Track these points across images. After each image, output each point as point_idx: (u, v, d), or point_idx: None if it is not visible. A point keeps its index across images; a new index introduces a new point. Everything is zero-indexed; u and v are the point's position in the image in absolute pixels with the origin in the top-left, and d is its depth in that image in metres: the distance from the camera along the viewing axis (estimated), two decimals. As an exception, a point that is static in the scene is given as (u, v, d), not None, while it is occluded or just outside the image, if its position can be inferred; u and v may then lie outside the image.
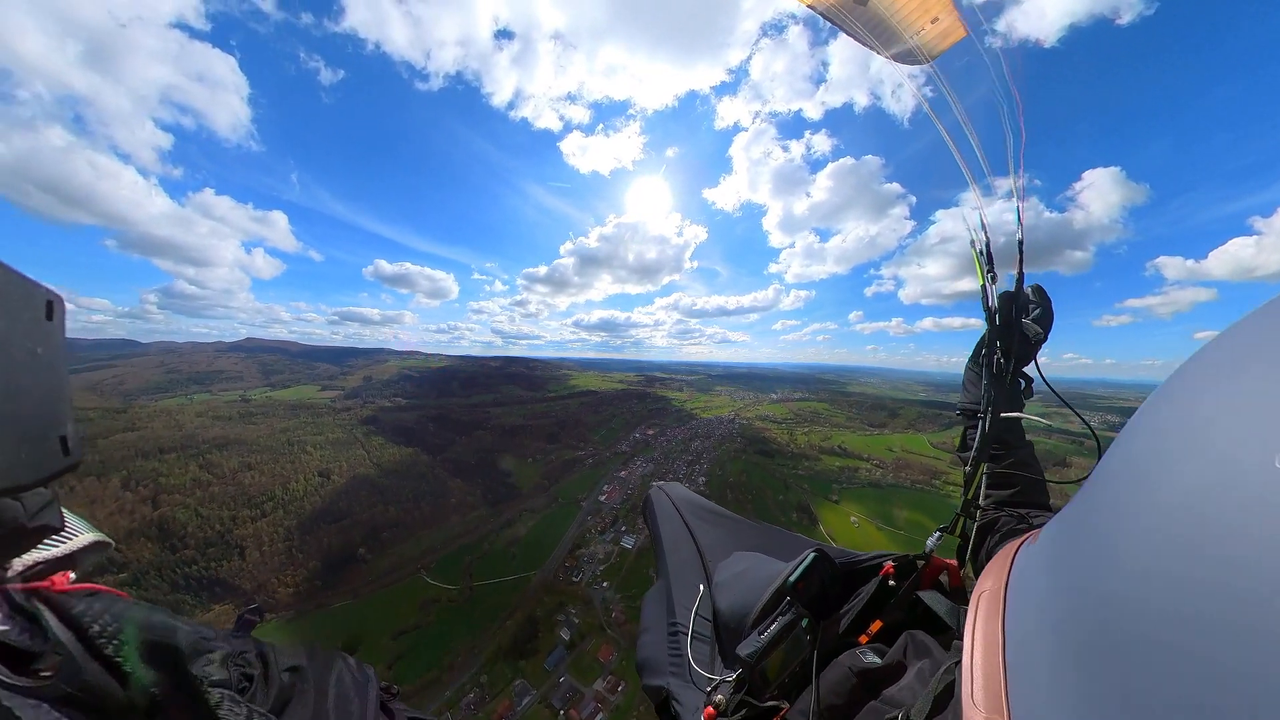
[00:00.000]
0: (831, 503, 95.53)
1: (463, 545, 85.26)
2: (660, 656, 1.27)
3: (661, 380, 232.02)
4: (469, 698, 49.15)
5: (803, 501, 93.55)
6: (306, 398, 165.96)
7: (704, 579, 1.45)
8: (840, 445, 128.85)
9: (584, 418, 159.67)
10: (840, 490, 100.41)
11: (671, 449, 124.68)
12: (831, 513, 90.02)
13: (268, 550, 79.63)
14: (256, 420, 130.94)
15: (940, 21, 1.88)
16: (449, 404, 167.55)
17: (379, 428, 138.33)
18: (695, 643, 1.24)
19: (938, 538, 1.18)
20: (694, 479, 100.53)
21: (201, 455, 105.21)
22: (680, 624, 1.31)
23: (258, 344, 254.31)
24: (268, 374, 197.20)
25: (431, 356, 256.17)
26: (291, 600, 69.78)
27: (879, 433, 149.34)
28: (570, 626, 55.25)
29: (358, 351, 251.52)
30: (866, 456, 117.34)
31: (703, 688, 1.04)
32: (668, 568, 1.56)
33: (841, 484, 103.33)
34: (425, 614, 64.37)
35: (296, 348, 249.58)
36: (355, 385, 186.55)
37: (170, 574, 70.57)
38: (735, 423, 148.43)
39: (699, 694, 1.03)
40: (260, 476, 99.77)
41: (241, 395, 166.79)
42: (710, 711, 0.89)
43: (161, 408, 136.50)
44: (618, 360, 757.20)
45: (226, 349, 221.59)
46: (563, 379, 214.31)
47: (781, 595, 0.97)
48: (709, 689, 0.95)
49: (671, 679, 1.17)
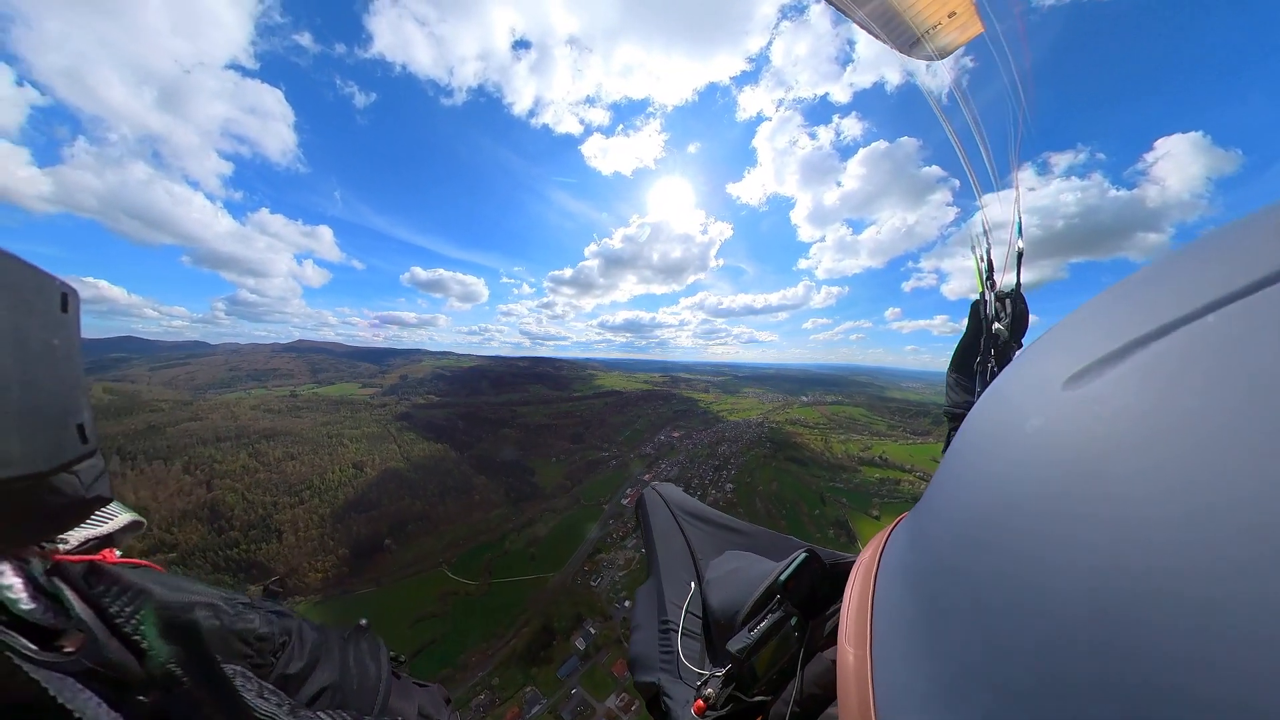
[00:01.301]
0: (872, 519, 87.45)
1: (484, 542, 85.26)
2: (651, 653, 1.28)
3: (687, 381, 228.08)
4: (480, 699, 47.74)
5: (840, 517, 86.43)
6: (349, 394, 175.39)
7: (695, 576, 1.48)
8: (881, 455, 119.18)
9: (608, 418, 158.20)
10: (881, 505, 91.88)
11: (697, 452, 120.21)
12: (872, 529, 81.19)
13: (302, 535, 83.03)
14: (302, 414, 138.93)
15: (958, 16, 1.82)
16: (478, 402, 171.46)
17: (412, 423, 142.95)
18: (686, 639, 1.26)
19: None
20: (720, 485, 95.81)
21: (252, 445, 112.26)
22: (671, 621, 1.32)
23: (308, 345, 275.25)
24: (316, 372, 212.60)
25: (463, 357, 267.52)
26: (319, 586, 71.83)
27: (923, 442, 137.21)
28: (587, 637, 53.04)
29: (396, 352, 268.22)
30: (909, 468, 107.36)
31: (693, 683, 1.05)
32: (659, 565, 1.57)
33: (883, 498, 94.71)
34: (443, 607, 64.45)
35: (342, 348, 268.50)
36: (393, 383, 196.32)
37: (213, 556, 74.83)
38: (764, 426, 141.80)
39: (689, 689, 1.04)
40: (301, 466, 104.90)
41: (291, 391, 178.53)
42: (700, 705, 0.90)
43: (222, 401, 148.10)
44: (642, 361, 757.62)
45: (281, 349, 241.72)
46: (588, 379, 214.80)
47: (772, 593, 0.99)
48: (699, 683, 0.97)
49: (662, 675, 1.18)
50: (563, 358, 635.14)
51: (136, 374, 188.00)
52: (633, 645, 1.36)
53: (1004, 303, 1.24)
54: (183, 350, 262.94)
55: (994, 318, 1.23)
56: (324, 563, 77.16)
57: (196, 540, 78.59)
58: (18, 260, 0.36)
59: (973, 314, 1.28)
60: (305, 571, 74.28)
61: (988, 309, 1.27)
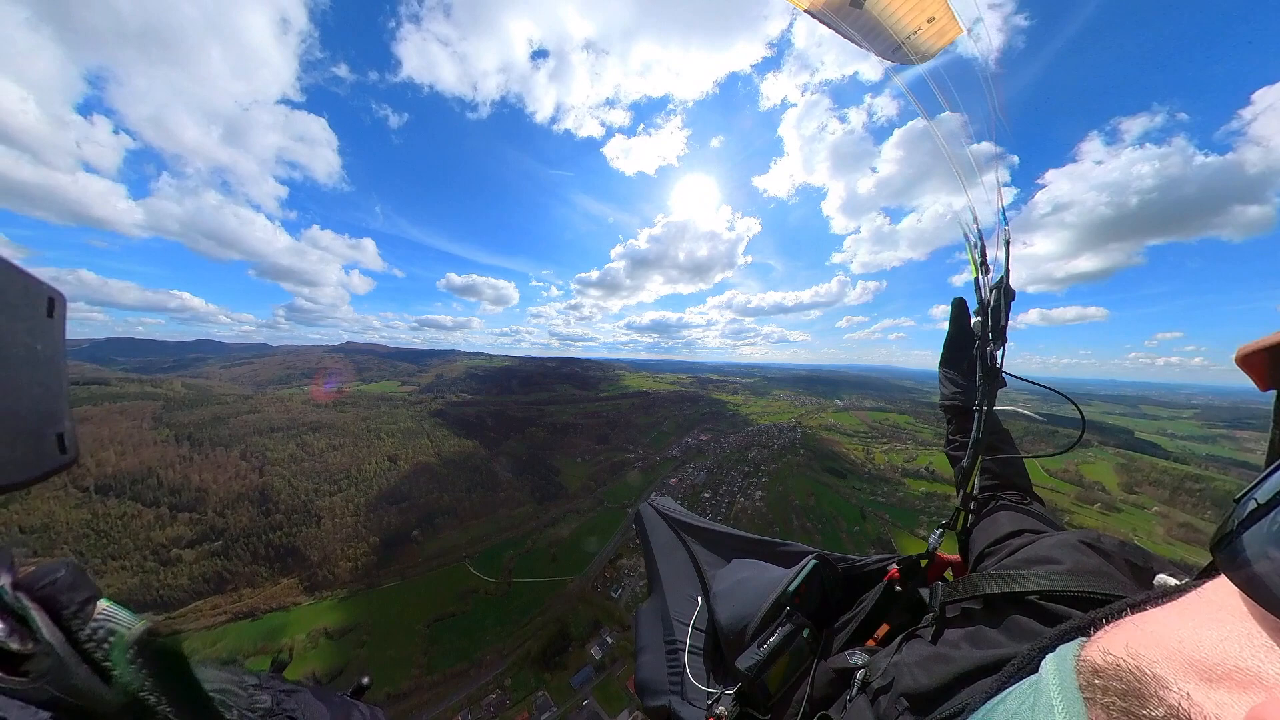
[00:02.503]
0: (919, 538, 79.11)
1: (507, 539, 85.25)
2: (659, 676, 1.24)
3: (715, 382, 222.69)
4: (491, 698, 46.53)
5: (883, 534, 78.86)
6: (389, 391, 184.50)
7: (701, 591, 1.42)
8: (928, 467, 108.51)
9: (635, 419, 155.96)
10: (929, 522, 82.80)
11: (726, 456, 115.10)
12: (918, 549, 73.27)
13: (338, 523, 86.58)
14: (346, 409, 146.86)
15: (937, 20, 1.94)
16: (507, 401, 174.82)
17: (445, 420, 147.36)
18: (695, 658, 1.21)
19: (940, 534, 1.20)
20: (749, 493, 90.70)
21: (300, 436, 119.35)
22: (678, 640, 1.27)
23: (355, 347, 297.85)
24: (361, 371, 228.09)
25: (495, 357, 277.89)
26: (349, 576, 73.87)
27: None
28: (604, 646, 50.91)
29: (433, 353, 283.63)
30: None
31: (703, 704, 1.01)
32: (662, 582, 1.53)
33: (930, 514, 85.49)
34: (463, 603, 64.38)
35: (384, 349, 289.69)
36: (429, 382, 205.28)
37: (253, 543, 78.16)
38: (797, 431, 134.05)
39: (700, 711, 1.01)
40: (341, 457, 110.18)
41: (339, 388, 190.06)
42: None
43: (277, 395, 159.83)
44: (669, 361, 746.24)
45: (331, 350, 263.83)
46: (615, 379, 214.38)
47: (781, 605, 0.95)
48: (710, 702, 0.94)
49: (673, 698, 1.14)
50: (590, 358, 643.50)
51: (210, 371, 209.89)
52: (639, 669, 1.31)
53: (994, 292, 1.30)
54: (249, 351, 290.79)
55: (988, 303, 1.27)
56: (355, 550, 79.61)
57: (245, 523, 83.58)
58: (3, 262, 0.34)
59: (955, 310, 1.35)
60: (337, 560, 76.80)
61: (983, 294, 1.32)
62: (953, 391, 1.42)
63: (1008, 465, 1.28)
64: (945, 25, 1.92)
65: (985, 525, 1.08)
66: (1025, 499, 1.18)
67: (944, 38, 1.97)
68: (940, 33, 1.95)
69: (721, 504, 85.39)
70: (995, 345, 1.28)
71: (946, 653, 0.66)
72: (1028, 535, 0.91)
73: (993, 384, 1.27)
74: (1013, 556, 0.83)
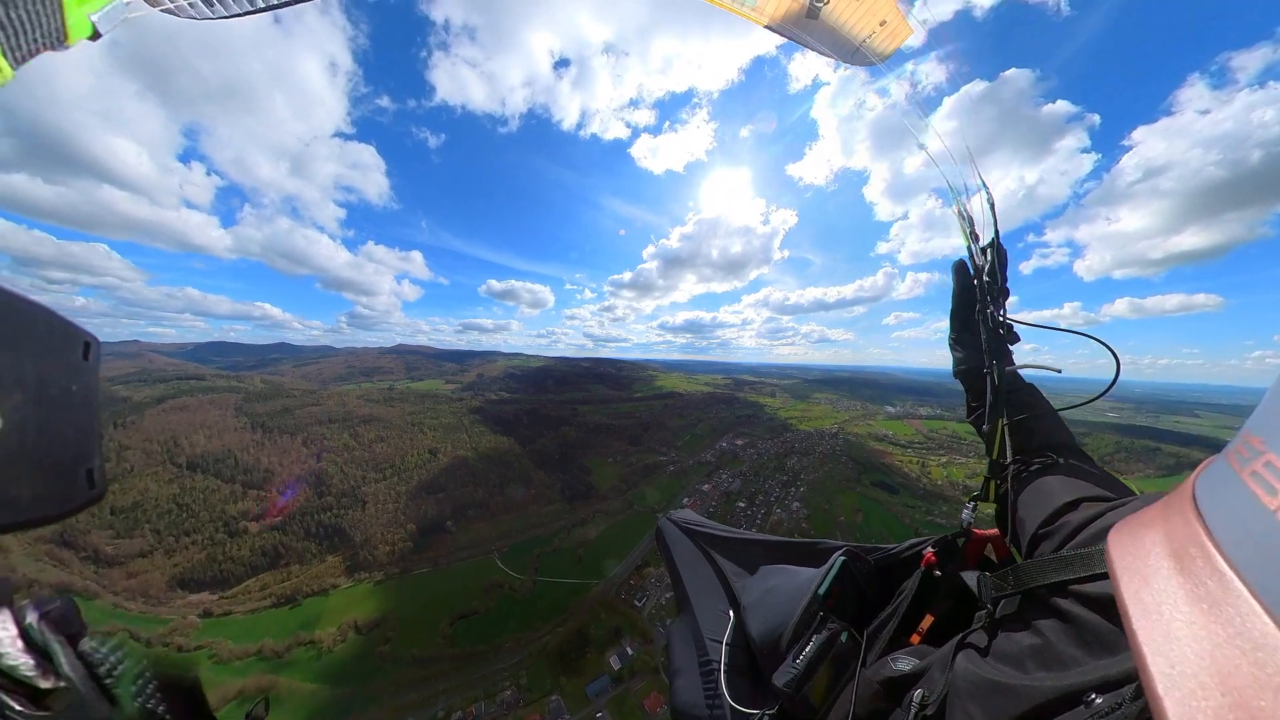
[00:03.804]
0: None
1: (535, 536, 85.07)
2: (697, 699, 1.18)
3: (751, 384, 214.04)
4: (506, 693, 45.22)
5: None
6: (434, 389, 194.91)
7: (732, 604, 1.36)
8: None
9: (668, 421, 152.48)
10: (1001, 542, 72.03)
11: (762, 463, 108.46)
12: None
13: (381, 508, 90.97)
14: (395, 404, 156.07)
15: (889, 23, 2.05)
16: (542, 400, 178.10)
17: (483, 417, 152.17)
18: (732, 677, 1.15)
19: (972, 508, 1.10)
20: (787, 504, 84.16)
21: (353, 427, 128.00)
22: (713, 660, 1.22)
23: (405, 348, 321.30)
24: (410, 370, 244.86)
25: (532, 357, 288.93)
26: (386, 560, 76.77)
27: None
28: (623, 658, 48.37)
29: (475, 353, 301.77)
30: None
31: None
32: (690, 600, 1.48)
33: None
34: (488, 599, 64.67)
35: (432, 351, 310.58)
36: (470, 380, 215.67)
37: (307, 521, 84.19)
38: (840, 439, 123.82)
39: None
40: (387, 448, 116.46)
41: (390, 385, 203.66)
42: None
43: (337, 391, 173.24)
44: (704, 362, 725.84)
45: (385, 352, 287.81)
46: (648, 380, 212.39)
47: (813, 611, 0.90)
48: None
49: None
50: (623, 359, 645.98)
51: (284, 370, 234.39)
52: (675, 694, 1.25)
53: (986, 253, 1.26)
54: (317, 352, 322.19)
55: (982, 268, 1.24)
56: (394, 536, 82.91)
57: (301, 502, 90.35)
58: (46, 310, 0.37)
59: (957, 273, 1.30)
60: (376, 543, 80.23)
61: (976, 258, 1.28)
62: (962, 356, 1.30)
63: (1042, 422, 1.12)
64: (897, 28, 2.01)
65: (1031, 495, 0.92)
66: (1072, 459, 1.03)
67: (896, 39, 2.06)
68: (893, 35, 2.04)
69: (757, 514, 79.93)
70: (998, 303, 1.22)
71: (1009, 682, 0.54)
72: (1088, 505, 0.76)
73: (999, 340, 1.19)
74: (1076, 537, 0.69)
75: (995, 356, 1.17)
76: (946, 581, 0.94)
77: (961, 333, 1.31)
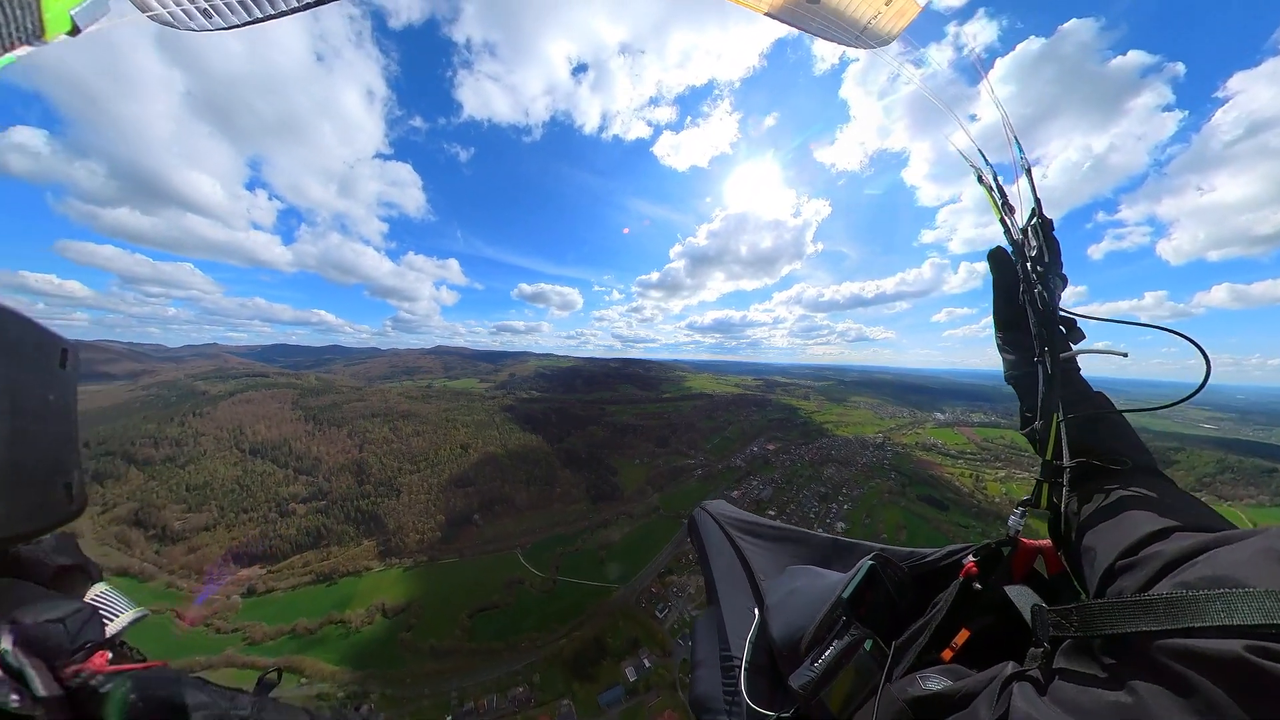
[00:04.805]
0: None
1: (558, 534, 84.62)
2: (715, 693, 1.18)
3: (783, 385, 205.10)
4: (518, 690, 44.03)
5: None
6: (469, 387, 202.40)
7: (757, 601, 1.34)
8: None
9: (697, 423, 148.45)
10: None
11: (796, 471, 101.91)
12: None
13: (414, 498, 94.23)
14: (431, 401, 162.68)
15: (894, 2, 1.96)
16: (571, 399, 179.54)
17: (513, 415, 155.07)
18: (752, 675, 1.13)
19: (1021, 514, 0.96)
20: (827, 521, 77.88)
21: (392, 422, 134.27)
22: (735, 655, 1.20)
23: (444, 349, 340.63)
24: (448, 369, 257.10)
25: (562, 358, 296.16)
26: (415, 547, 78.88)
27: None
28: (639, 669, 46.16)
29: (508, 354, 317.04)
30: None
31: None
32: (718, 592, 1.47)
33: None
34: (508, 594, 64.59)
35: (468, 351, 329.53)
36: (503, 380, 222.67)
37: (348, 507, 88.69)
38: (886, 449, 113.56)
39: None
40: (422, 442, 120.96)
41: (428, 384, 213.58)
42: None
43: (380, 389, 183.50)
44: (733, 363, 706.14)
45: (425, 353, 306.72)
46: (677, 380, 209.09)
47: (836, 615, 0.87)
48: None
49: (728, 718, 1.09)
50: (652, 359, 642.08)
51: (336, 369, 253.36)
52: (694, 684, 1.25)
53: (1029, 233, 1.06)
54: (365, 354, 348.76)
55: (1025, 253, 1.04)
56: (424, 525, 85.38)
57: (344, 489, 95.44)
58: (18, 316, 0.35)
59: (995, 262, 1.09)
60: (408, 531, 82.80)
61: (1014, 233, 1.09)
62: (1013, 359, 1.10)
63: (1108, 425, 0.95)
64: (904, 5, 1.90)
65: (1104, 517, 0.78)
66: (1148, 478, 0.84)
67: (904, 17, 1.95)
68: (900, 13, 1.93)
69: (791, 523, 74.98)
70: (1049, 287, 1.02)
71: None
72: (1183, 536, 0.62)
73: (1052, 330, 1.00)
74: (1174, 574, 0.54)
75: (1047, 343, 0.98)
76: (987, 595, 0.84)
77: (1009, 332, 1.10)
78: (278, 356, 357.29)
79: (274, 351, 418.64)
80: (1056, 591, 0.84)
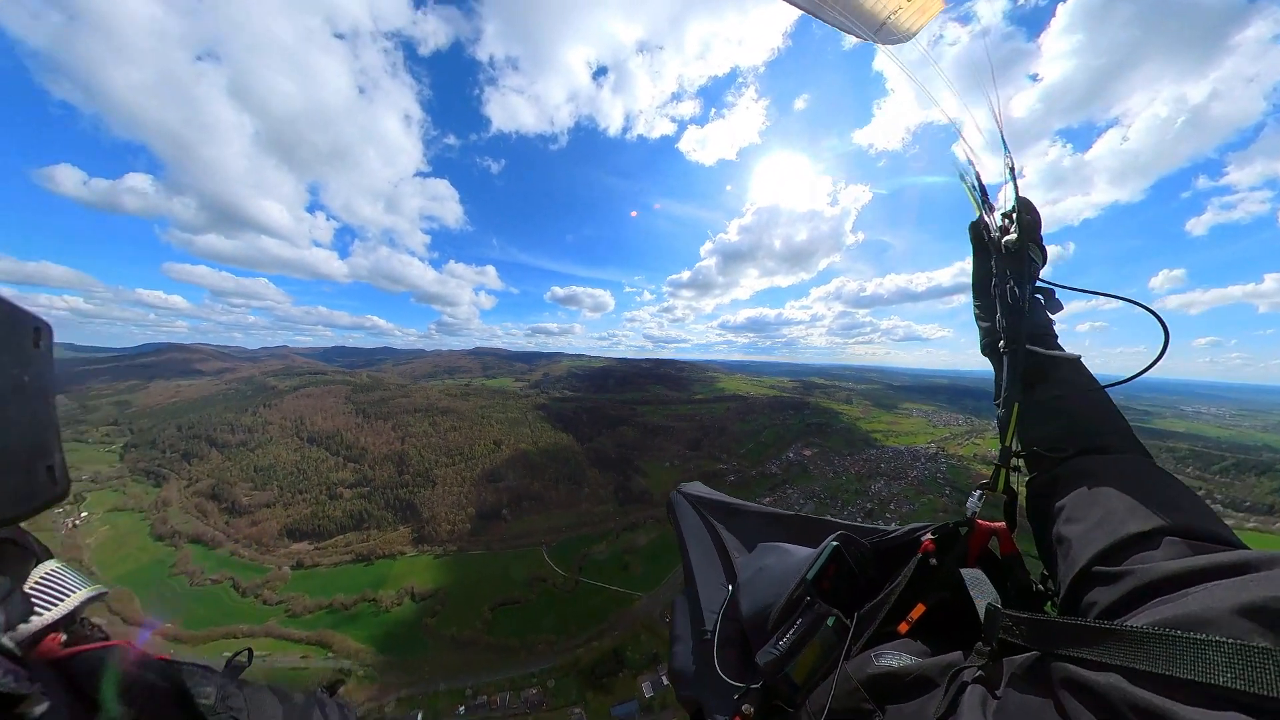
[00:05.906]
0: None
1: (584, 534, 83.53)
2: (690, 666, 1.23)
3: (822, 388, 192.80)
4: (532, 691, 42.71)
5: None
6: (505, 386, 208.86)
7: (730, 578, 1.40)
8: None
9: (730, 426, 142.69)
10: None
11: (839, 484, 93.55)
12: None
13: (448, 490, 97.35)
14: (469, 399, 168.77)
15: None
16: (602, 399, 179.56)
17: (546, 413, 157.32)
18: (725, 648, 1.17)
19: (979, 496, 1.00)
20: None
21: (432, 417, 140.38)
22: (708, 630, 1.25)
23: (483, 350, 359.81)
24: (486, 369, 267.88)
25: (594, 358, 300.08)
26: (446, 537, 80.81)
27: (1233, 516, 76.85)
28: (657, 686, 44.05)
29: (543, 355, 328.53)
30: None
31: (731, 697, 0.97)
32: (693, 571, 1.52)
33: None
34: (530, 590, 64.47)
35: (505, 352, 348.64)
36: (537, 379, 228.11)
37: (388, 494, 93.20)
38: (941, 462, 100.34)
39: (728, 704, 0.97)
40: (459, 437, 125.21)
41: (467, 382, 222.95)
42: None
43: (423, 386, 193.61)
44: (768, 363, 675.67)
45: (465, 354, 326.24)
46: (709, 381, 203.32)
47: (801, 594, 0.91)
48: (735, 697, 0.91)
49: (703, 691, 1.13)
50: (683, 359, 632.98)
51: (385, 368, 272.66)
52: (672, 659, 1.31)
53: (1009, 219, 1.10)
54: (411, 354, 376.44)
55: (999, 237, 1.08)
56: (456, 516, 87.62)
57: (385, 478, 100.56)
58: None
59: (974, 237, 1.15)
60: (441, 521, 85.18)
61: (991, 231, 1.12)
62: (987, 327, 1.12)
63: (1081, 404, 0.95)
64: (925, 2, 1.86)
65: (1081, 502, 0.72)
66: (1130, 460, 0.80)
67: (926, 14, 1.90)
68: (922, 9, 1.88)
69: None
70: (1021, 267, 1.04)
71: None
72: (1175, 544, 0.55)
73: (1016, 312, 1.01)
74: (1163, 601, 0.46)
75: (1011, 332, 1.01)
76: (943, 572, 0.88)
77: (985, 299, 1.13)
78: (337, 357, 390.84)
79: (334, 353, 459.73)
80: (1009, 568, 0.88)
